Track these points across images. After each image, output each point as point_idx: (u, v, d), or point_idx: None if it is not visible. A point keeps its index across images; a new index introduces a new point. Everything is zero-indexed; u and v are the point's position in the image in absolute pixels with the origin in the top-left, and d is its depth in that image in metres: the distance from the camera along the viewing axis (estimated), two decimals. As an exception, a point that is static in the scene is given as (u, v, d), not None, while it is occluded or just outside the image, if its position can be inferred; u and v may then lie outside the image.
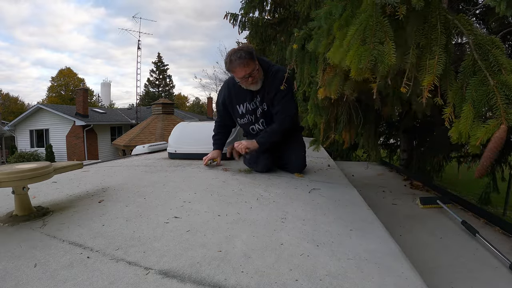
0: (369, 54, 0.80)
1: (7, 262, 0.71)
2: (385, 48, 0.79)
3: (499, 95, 0.67)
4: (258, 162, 1.79)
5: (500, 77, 0.69)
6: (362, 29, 0.83)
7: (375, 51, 0.79)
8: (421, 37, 0.82)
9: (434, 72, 0.77)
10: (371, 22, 0.82)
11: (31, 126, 15.75)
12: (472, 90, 0.72)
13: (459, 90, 0.76)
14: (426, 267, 1.11)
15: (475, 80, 0.72)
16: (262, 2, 4.49)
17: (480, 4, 2.53)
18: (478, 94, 0.70)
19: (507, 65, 0.70)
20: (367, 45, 0.81)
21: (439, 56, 0.77)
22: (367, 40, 0.81)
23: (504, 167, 3.62)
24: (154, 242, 0.82)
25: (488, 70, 0.71)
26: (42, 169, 1.00)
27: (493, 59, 0.71)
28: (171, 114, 14.15)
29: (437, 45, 0.78)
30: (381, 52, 0.79)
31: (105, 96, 35.57)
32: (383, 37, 0.80)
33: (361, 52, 0.81)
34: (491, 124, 0.67)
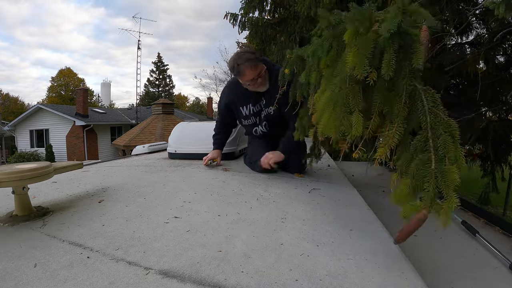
0: (339, 124, 0.85)
1: (7, 262, 0.71)
2: (353, 119, 0.82)
3: (433, 182, 0.69)
4: (257, 163, 1.79)
5: (441, 165, 0.70)
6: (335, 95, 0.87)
7: (345, 121, 0.84)
8: (385, 105, 0.84)
9: (388, 144, 0.79)
10: (343, 89, 0.85)
11: (31, 126, 15.76)
12: (414, 167, 0.74)
13: (408, 163, 0.78)
14: (426, 267, 1.11)
15: (420, 159, 0.74)
16: (262, 2, 4.48)
17: (480, 4, 2.53)
18: (418, 173, 0.72)
19: (452, 154, 0.71)
20: (337, 114, 0.86)
21: (397, 127, 0.79)
22: (337, 109, 0.86)
23: (504, 167, 3.62)
24: (154, 242, 0.82)
25: (435, 153, 0.72)
26: (42, 169, 1.00)
27: (441, 145, 0.72)
28: (171, 114, 14.15)
29: (397, 116, 0.79)
30: (349, 123, 0.83)
31: (105, 96, 35.58)
32: (353, 107, 0.83)
33: (331, 120, 0.87)
34: (418, 205, 0.70)
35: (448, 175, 0.68)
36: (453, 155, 0.71)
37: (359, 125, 0.81)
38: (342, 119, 0.84)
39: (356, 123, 0.81)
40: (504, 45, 2.87)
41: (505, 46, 2.91)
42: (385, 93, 0.83)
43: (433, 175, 0.69)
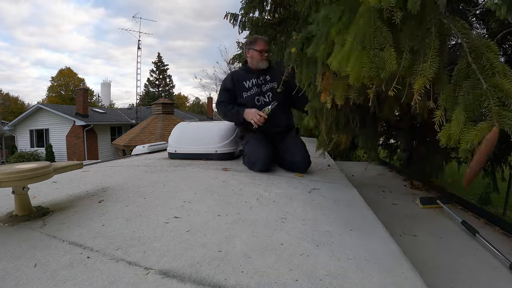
0: (370, 61, 0.79)
1: (7, 262, 0.71)
2: (385, 54, 0.79)
3: (492, 98, 0.67)
4: (256, 162, 1.80)
5: (493, 80, 0.68)
6: (361, 35, 0.83)
7: (377, 58, 0.79)
8: (415, 41, 0.82)
9: (426, 75, 0.76)
10: (370, 28, 0.82)
11: (31, 126, 15.75)
12: (465, 93, 0.71)
13: (451, 94, 0.76)
14: (426, 267, 1.11)
15: (468, 84, 0.72)
16: (262, 2, 4.48)
17: (480, 4, 2.53)
18: (470, 97, 0.70)
19: (501, 69, 0.70)
20: (368, 51, 0.81)
21: (431, 60, 0.77)
22: (367, 47, 0.81)
23: (504, 167, 3.62)
24: (154, 242, 0.82)
25: (482, 74, 0.70)
26: (42, 169, 1.00)
27: (486, 63, 0.70)
28: (171, 114, 14.15)
29: (430, 48, 0.78)
30: (382, 59, 0.79)
31: (105, 96, 35.58)
32: (383, 43, 0.80)
33: (362, 59, 0.81)
34: (483, 126, 0.67)
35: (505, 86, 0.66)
36: (501, 70, 0.69)
37: (392, 60, 0.77)
38: (373, 57, 0.79)
39: (389, 58, 0.78)
40: (504, 45, 2.87)
41: (505, 47, 2.91)
42: (413, 29, 0.81)
43: (490, 92, 0.66)
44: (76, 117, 14.54)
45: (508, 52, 2.99)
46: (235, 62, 6.10)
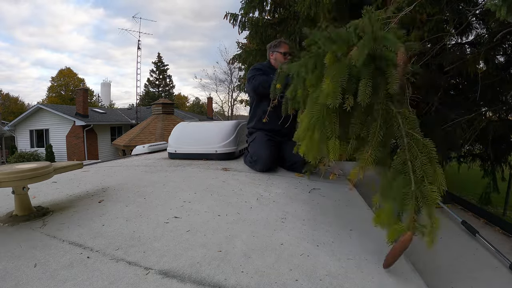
0: (317, 149, 0.91)
1: (7, 262, 0.71)
2: (330, 145, 0.86)
3: (413, 203, 0.69)
4: (258, 161, 1.80)
5: (421, 186, 0.71)
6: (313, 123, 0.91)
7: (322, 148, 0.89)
8: (362, 129, 0.87)
9: (363, 166, 0.83)
10: (320, 118, 0.89)
11: (31, 126, 15.74)
12: (395, 189, 0.75)
13: (389, 183, 0.80)
14: (426, 267, 1.11)
15: (400, 180, 0.75)
16: (262, 2, 4.48)
17: (480, 4, 2.53)
18: (399, 195, 0.73)
19: (431, 174, 0.72)
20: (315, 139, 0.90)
21: (371, 151, 0.81)
22: (315, 136, 0.90)
23: (504, 167, 3.62)
24: (154, 242, 0.82)
25: (414, 176, 0.73)
26: (42, 169, 1.00)
27: (419, 166, 0.73)
28: (171, 114, 14.14)
29: (372, 140, 0.82)
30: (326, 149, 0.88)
31: (105, 96, 35.57)
32: (330, 133, 0.87)
33: (311, 144, 0.92)
34: (401, 227, 0.70)
35: (428, 194, 0.69)
36: (432, 175, 0.72)
37: (336, 151, 0.86)
38: (320, 145, 0.89)
39: (333, 149, 0.86)
40: (504, 45, 2.87)
41: (505, 46, 2.91)
42: (362, 117, 0.87)
43: (414, 196, 0.70)
44: (76, 117, 14.54)
45: (508, 52, 2.99)
46: (235, 62, 6.10)
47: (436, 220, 0.67)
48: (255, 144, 1.93)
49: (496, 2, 1.08)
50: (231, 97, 25.61)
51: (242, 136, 2.45)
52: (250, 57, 5.09)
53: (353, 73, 0.83)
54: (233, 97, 25.24)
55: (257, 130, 2.06)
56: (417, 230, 0.68)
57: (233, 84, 23.80)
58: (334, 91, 0.82)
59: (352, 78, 0.83)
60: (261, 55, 4.81)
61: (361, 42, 0.84)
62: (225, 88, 31.61)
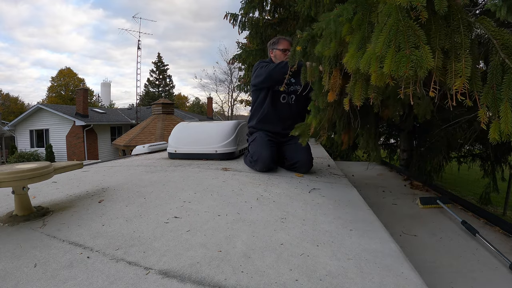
0: (408, 60, 0.79)
1: (7, 262, 0.71)
2: (421, 53, 0.79)
3: None
4: (258, 161, 1.80)
5: None
6: (393, 34, 0.82)
7: (413, 57, 0.79)
8: (445, 41, 0.83)
9: (463, 75, 0.77)
10: (401, 26, 0.81)
11: (31, 126, 15.74)
12: (506, 88, 0.72)
13: (490, 91, 0.76)
14: (426, 267, 1.11)
15: (508, 78, 0.72)
16: (262, 2, 4.48)
17: (480, 4, 2.53)
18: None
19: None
20: (403, 51, 0.80)
21: (465, 59, 0.77)
22: (402, 46, 0.80)
23: (504, 167, 3.62)
24: (154, 242, 0.82)
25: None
26: (42, 169, 1.00)
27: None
28: (171, 114, 14.14)
29: (462, 48, 0.79)
30: (419, 58, 0.78)
31: (105, 96, 35.58)
32: (417, 41, 0.80)
33: (399, 58, 0.80)
34: None
35: None
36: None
37: (429, 57, 0.77)
38: (409, 56, 0.79)
39: (425, 55, 0.78)
40: (504, 45, 2.87)
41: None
42: (442, 29, 0.82)
43: None
44: (76, 117, 14.54)
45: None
46: (235, 62, 6.10)
47: None
48: (255, 144, 1.93)
49: (496, 2, 1.08)
50: (231, 97, 25.64)
51: (242, 136, 2.46)
52: (250, 57, 5.09)
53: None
54: (233, 97, 25.27)
55: (257, 130, 2.06)
56: None
57: (233, 84, 23.82)
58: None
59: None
60: (261, 55, 4.81)
61: None
62: (225, 88, 31.62)
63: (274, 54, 2.08)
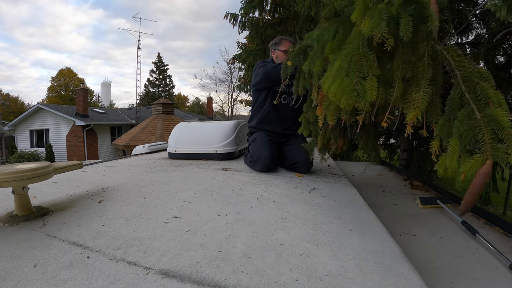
0: (351, 90, 0.80)
1: (7, 262, 0.71)
2: (367, 84, 0.79)
3: (486, 129, 0.66)
4: (258, 161, 1.80)
5: (487, 111, 0.67)
6: (347, 62, 0.84)
7: (358, 87, 0.80)
8: (407, 70, 0.82)
9: (419, 107, 0.76)
10: (356, 55, 0.82)
11: (31, 126, 15.74)
12: (458, 124, 0.71)
13: (446, 123, 0.76)
14: (426, 267, 1.11)
15: (462, 114, 0.71)
16: (262, 2, 4.49)
17: (480, 4, 2.53)
18: (464, 128, 0.69)
19: (495, 98, 0.69)
20: (350, 79, 0.81)
21: (424, 90, 0.76)
22: (351, 75, 0.82)
23: (504, 167, 3.61)
24: (154, 242, 0.82)
25: (476, 103, 0.69)
26: (42, 169, 1.00)
27: (480, 92, 0.70)
28: (171, 114, 14.14)
29: (422, 78, 0.77)
30: (363, 88, 0.79)
31: (105, 96, 35.59)
32: (367, 72, 0.80)
33: (344, 86, 0.82)
34: (477, 159, 0.66)
35: (498, 118, 0.65)
36: (495, 99, 0.68)
37: (373, 89, 0.78)
38: (355, 85, 0.80)
39: (370, 87, 0.78)
40: (504, 45, 2.87)
41: (505, 46, 2.91)
42: (405, 58, 0.81)
43: (484, 123, 0.65)
44: (76, 117, 14.54)
45: (508, 52, 2.99)
46: (235, 62, 6.10)
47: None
48: (255, 144, 1.93)
49: (496, 2, 1.08)
50: (231, 97, 25.65)
51: (242, 136, 2.45)
52: (250, 57, 5.09)
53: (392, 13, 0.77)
54: (233, 97, 25.27)
55: (258, 130, 2.06)
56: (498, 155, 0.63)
57: (233, 84, 23.83)
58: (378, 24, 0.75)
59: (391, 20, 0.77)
60: (261, 55, 4.81)
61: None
62: (225, 88, 31.63)
63: (276, 54, 2.08)
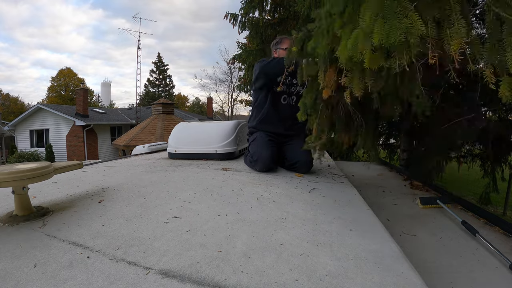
0: (397, 28, 0.78)
1: (7, 262, 0.71)
2: (410, 20, 0.77)
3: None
4: (258, 161, 1.80)
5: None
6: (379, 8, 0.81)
7: (402, 25, 0.78)
8: (435, 10, 0.80)
9: (459, 35, 0.75)
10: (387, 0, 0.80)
11: (31, 126, 15.75)
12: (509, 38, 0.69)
13: (493, 48, 0.74)
14: (426, 267, 1.11)
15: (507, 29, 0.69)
16: (262, 2, 4.49)
17: (480, 4, 2.53)
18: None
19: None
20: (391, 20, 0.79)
21: (458, 22, 0.75)
22: (389, 17, 0.79)
23: (504, 167, 3.62)
24: (154, 242, 0.82)
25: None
26: (42, 169, 1.00)
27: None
28: (171, 114, 14.14)
29: (453, 13, 0.76)
30: (408, 24, 0.77)
31: (105, 96, 35.60)
32: (404, 12, 0.79)
33: (388, 27, 0.79)
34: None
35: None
36: None
37: (418, 24, 0.76)
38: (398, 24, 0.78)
39: (416, 21, 0.77)
40: (504, 45, 2.87)
41: (505, 46, 2.90)
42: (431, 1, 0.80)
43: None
44: (76, 117, 14.54)
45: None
46: (235, 62, 6.11)
47: None
48: (255, 144, 1.93)
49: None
50: (231, 97, 25.65)
51: (242, 136, 2.45)
52: (250, 57, 5.10)
53: None
54: (233, 97, 25.28)
55: (258, 131, 2.06)
56: None
57: (233, 84, 23.84)
58: None
59: None
60: (261, 55, 4.82)
61: None
62: (225, 88, 31.64)
63: (278, 54, 2.06)
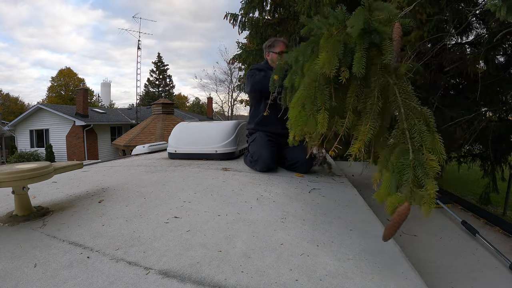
0: (304, 123, 0.89)
1: (7, 262, 0.71)
2: (319, 117, 0.84)
3: (411, 173, 0.68)
4: (258, 161, 1.80)
5: (418, 154, 0.69)
6: (304, 95, 0.90)
7: (310, 120, 0.87)
8: (359, 101, 0.85)
9: (362, 139, 0.79)
10: (312, 88, 0.88)
11: (31, 126, 15.74)
12: (394, 159, 0.73)
13: (387, 157, 0.78)
14: (426, 267, 1.11)
15: (398, 151, 0.73)
16: (262, 2, 4.49)
17: (480, 4, 2.53)
18: (397, 165, 0.71)
19: (429, 143, 0.70)
20: (305, 111, 0.89)
21: (371, 124, 0.79)
22: (306, 107, 0.89)
23: (504, 167, 3.62)
24: (154, 242, 0.82)
25: (412, 144, 0.71)
26: (42, 169, 1.00)
27: (417, 135, 0.71)
28: (171, 114, 14.14)
29: (371, 111, 0.80)
30: (315, 121, 0.86)
31: (105, 96, 35.59)
32: (320, 105, 0.86)
33: (299, 119, 0.90)
34: (400, 197, 0.68)
35: (426, 164, 0.67)
36: (430, 143, 0.70)
37: (324, 123, 0.84)
38: (308, 118, 0.88)
39: (321, 121, 0.84)
40: (504, 45, 2.87)
41: (505, 46, 2.91)
42: (358, 90, 0.85)
43: (412, 166, 0.68)
44: (76, 117, 14.53)
45: (508, 52, 2.99)
46: (235, 62, 6.11)
47: (432, 188, 0.64)
48: (255, 144, 1.93)
49: (496, 2, 1.08)
50: (231, 97, 25.66)
51: (242, 136, 2.45)
52: (250, 57, 5.10)
53: (349, 46, 0.83)
54: (233, 97, 25.30)
55: (257, 132, 2.06)
56: (413, 199, 0.66)
57: (233, 84, 23.85)
58: (330, 60, 0.81)
59: (348, 52, 0.83)
60: (261, 55, 4.82)
61: (357, 11, 0.84)
62: (225, 88, 31.65)
63: (270, 57, 2.08)
